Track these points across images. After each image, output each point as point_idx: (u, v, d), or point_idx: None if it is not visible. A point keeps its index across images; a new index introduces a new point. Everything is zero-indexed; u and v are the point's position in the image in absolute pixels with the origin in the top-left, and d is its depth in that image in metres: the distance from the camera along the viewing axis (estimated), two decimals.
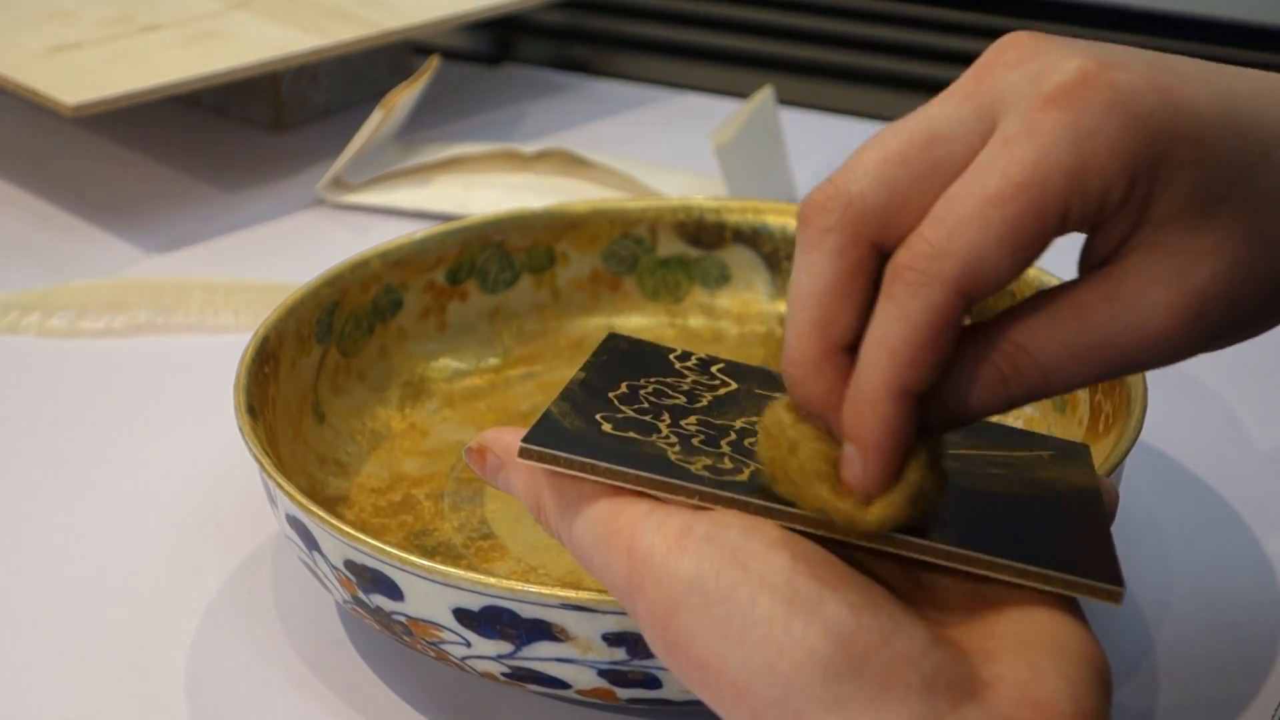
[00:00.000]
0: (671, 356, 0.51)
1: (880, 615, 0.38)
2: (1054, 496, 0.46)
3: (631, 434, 0.45)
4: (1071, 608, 0.41)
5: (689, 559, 0.40)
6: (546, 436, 0.43)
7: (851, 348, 0.42)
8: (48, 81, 0.83)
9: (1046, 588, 0.40)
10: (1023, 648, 0.39)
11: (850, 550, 0.41)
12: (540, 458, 0.43)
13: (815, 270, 0.41)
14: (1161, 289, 0.40)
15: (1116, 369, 0.41)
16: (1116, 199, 0.40)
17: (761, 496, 0.42)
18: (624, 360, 0.50)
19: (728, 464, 0.44)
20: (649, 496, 0.42)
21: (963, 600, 0.41)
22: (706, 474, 0.43)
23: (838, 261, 0.41)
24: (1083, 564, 0.41)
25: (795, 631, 0.38)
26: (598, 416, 0.45)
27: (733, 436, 0.46)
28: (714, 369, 0.51)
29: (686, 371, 0.51)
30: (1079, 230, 0.41)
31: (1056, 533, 0.43)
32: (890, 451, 0.41)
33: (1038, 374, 0.41)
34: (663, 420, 0.46)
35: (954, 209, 0.40)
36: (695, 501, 0.42)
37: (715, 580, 0.39)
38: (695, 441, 0.45)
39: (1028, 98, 0.40)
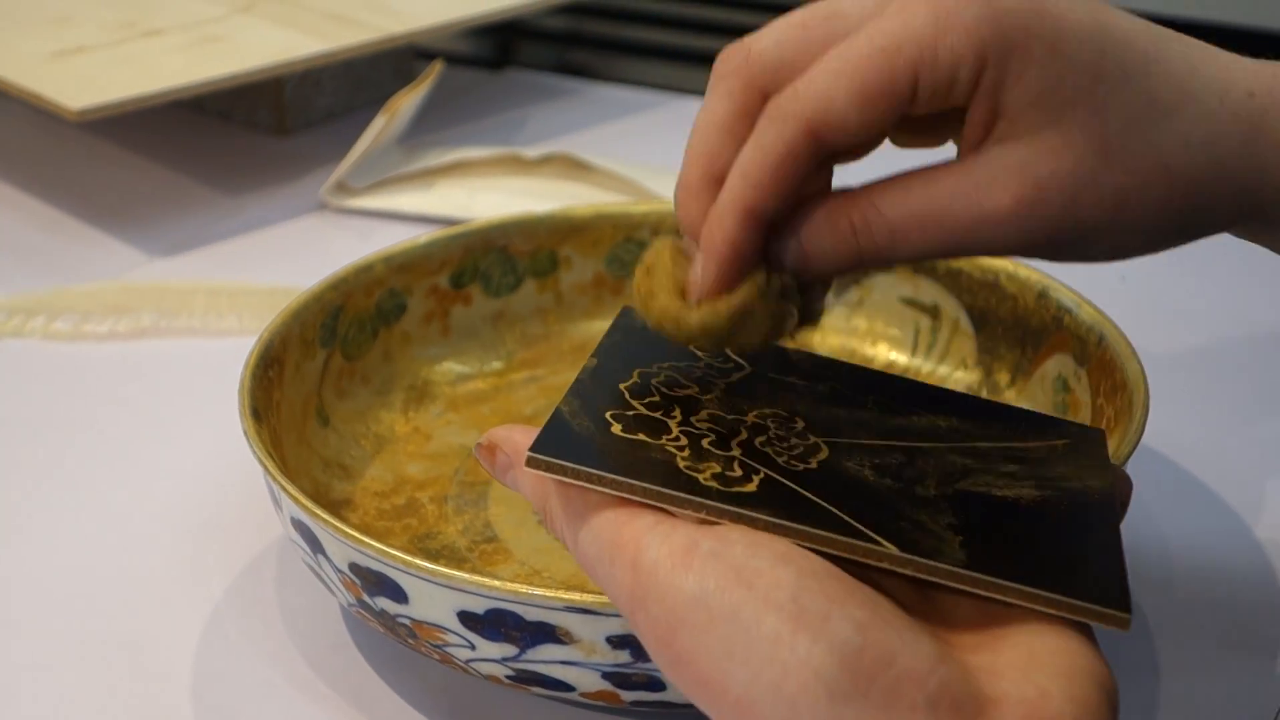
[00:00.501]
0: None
1: (886, 632, 0.38)
2: (1066, 502, 0.45)
3: (641, 436, 0.44)
4: (1080, 626, 0.41)
5: (693, 575, 0.40)
6: (554, 445, 0.43)
7: None
8: (52, 86, 0.84)
9: (1053, 611, 0.40)
10: (1030, 667, 0.39)
11: (858, 566, 0.41)
12: (548, 467, 0.43)
13: (710, 109, 0.48)
14: (1004, 173, 0.45)
15: (955, 241, 0.46)
16: (966, 76, 0.44)
17: (769, 508, 0.42)
18: (638, 340, 0.50)
19: (737, 471, 0.44)
20: (655, 508, 0.42)
21: (971, 616, 0.41)
22: (714, 484, 0.43)
23: (728, 103, 0.47)
24: (1090, 587, 0.41)
25: (800, 650, 0.38)
26: (607, 415, 0.45)
27: (743, 435, 0.46)
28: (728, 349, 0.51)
29: (700, 354, 0.50)
30: (933, 104, 0.45)
31: (1066, 549, 0.43)
32: (727, 260, 0.46)
33: (884, 231, 0.46)
34: (673, 417, 0.46)
35: (821, 64, 0.45)
36: (702, 515, 0.42)
37: (720, 598, 0.39)
38: (705, 443, 0.45)
39: None
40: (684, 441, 0.45)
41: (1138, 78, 0.45)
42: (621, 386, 0.47)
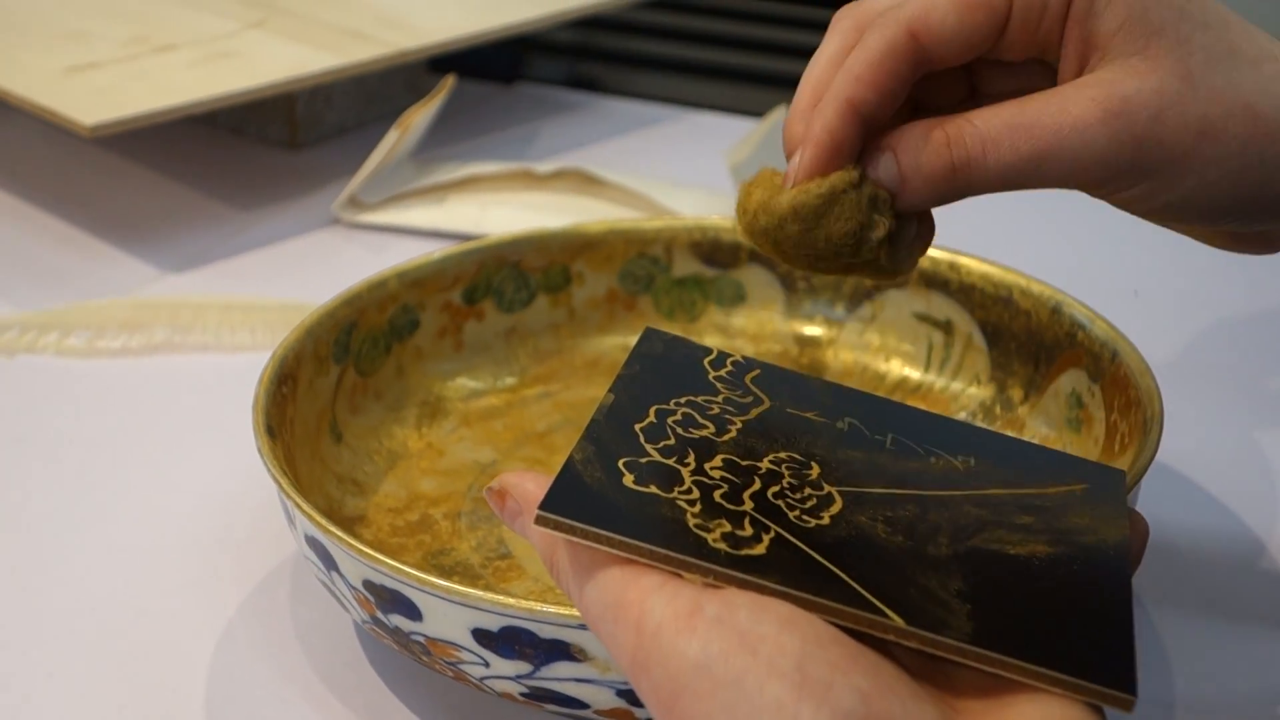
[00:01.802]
0: (706, 361, 0.51)
1: (890, 701, 0.38)
2: (1079, 561, 0.45)
3: (653, 488, 0.44)
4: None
5: (697, 640, 0.39)
6: (565, 501, 0.43)
7: None
8: (65, 102, 0.84)
9: (1056, 690, 0.40)
10: None
11: (864, 634, 0.41)
12: (557, 526, 0.42)
13: (824, 47, 0.50)
14: (1091, 88, 0.47)
15: (1043, 150, 0.47)
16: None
17: (777, 574, 0.42)
18: (657, 371, 0.50)
19: (747, 530, 0.43)
20: (662, 569, 0.42)
21: (977, 684, 0.41)
22: (723, 545, 0.42)
23: (840, 40, 0.50)
24: (1097, 665, 0.40)
25: (804, 719, 0.37)
26: (620, 464, 0.45)
27: (756, 485, 0.45)
28: (748, 378, 0.51)
29: (719, 385, 0.50)
30: (1027, 30, 0.48)
31: (1075, 621, 0.42)
32: (825, 147, 0.48)
33: (976, 140, 0.47)
34: (686, 464, 0.45)
35: None
36: (709, 580, 0.42)
37: (724, 664, 0.39)
38: (717, 495, 0.44)
39: None
40: (695, 495, 0.44)
41: (1219, 27, 0.48)
42: (637, 428, 0.47)
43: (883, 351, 0.70)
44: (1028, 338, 0.66)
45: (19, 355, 0.77)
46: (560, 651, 0.49)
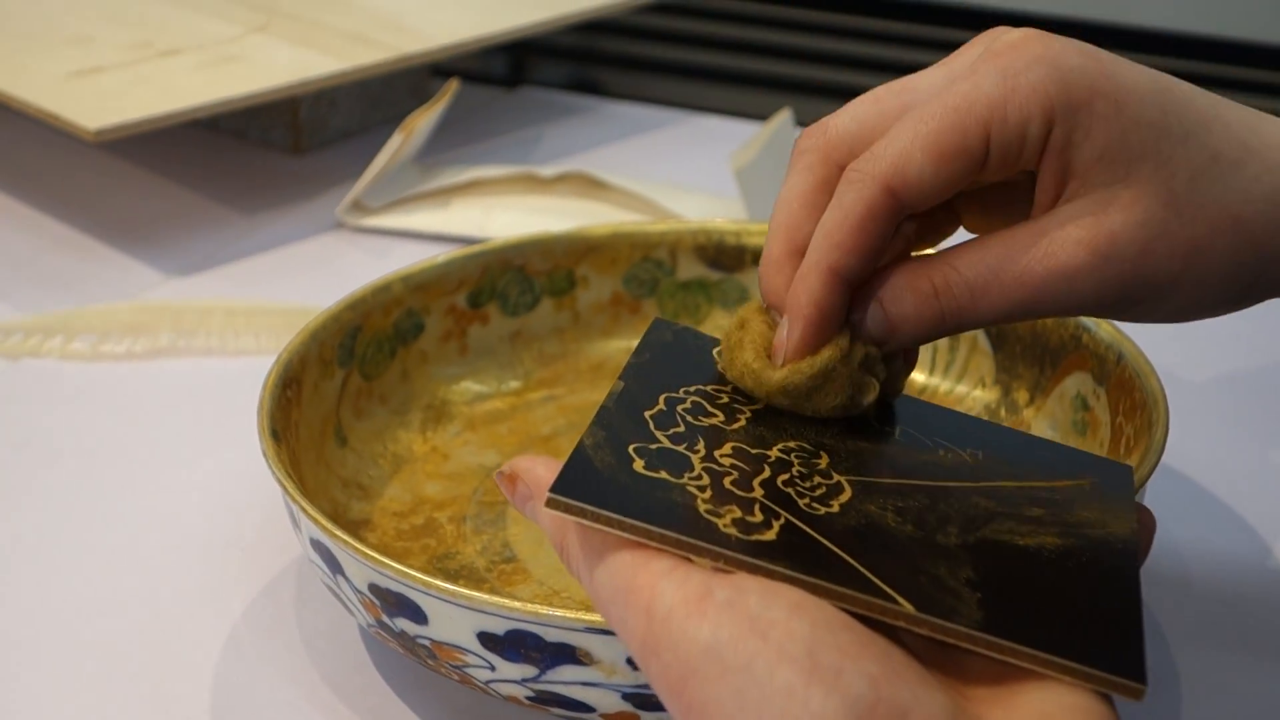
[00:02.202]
0: (715, 352, 0.51)
1: (900, 686, 0.38)
2: (1088, 553, 0.45)
3: (663, 474, 0.44)
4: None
5: (707, 624, 0.39)
6: (575, 484, 0.43)
7: None
8: (69, 106, 0.84)
9: (1066, 677, 0.40)
10: None
11: (874, 621, 0.41)
12: (567, 509, 0.42)
13: (791, 184, 0.49)
14: (1076, 227, 0.46)
15: (1032, 297, 0.47)
16: (1035, 134, 0.46)
17: (787, 559, 0.42)
18: (666, 359, 0.50)
19: (757, 515, 0.43)
20: (673, 553, 0.42)
21: (986, 671, 0.41)
22: (734, 531, 0.42)
23: (808, 177, 0.49)
24: (1106, 654, 0.41)
25: (814, 704, 0.38)
26: (630, 450, 0.45)
27: (766, 473, 0.46)
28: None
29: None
30: (1006, 165, 0.47)
31: (1084, 610, 0.43)
32: (812, 321, 0.47)
33: (964, 290, 0.47)
34: (696, 451, 0.46)
35: (896, 128, 0.47)
36: (719, 565, 0.42)
37: (733, 649, 0.39)
38: (727, 482, 0.44)
39: (979, 55, 0.48)
40: (706, 480, 0.44)
41: (1199, 134, 0.47)
42: (647, 415, 0.47)
43: None
44: (1033, 340, 0.65)
45: (23, 359, 0.77)
46: (566, 655, 0.49)
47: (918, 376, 0.68)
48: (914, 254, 0.50)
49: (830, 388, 0.48)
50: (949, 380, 0.68)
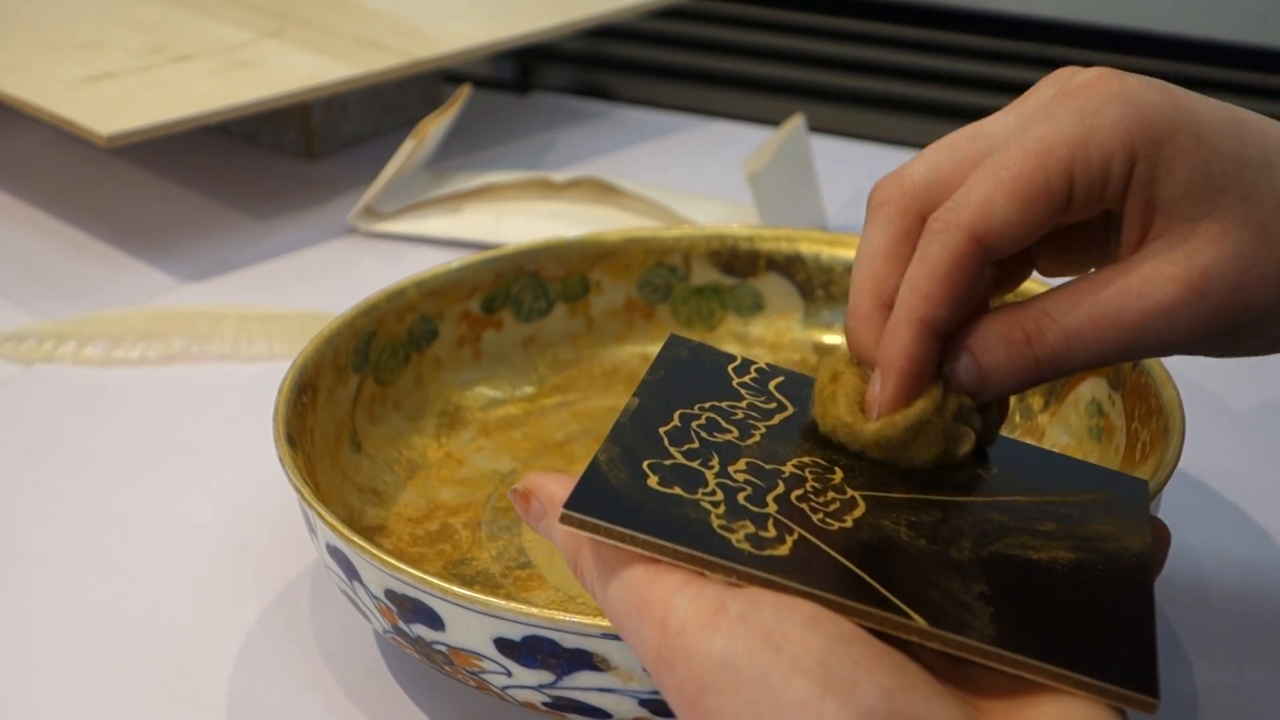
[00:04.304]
0: (731, 368, 0.51)
1: (913, 699, 0.38)
2: (1102, 567, 0.45)
3: (677, 490, 0.44)
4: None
5: (722, 637, 0.39)
6: (589, 500, 0.43)
7: None
8: (82, 111, 0.84)
9: (1078, 691, 0.40)
10: None
11: (887, 635, 0.41)
12: (582, 525, 0.43)
13: (871, 238, 0.49)
14: (1168, 265, 0.46)
15: (1129, 340, 0.46)
16: (1118, 171, 0.46)
17: (800, 574, 0.42)
18: (681, 376, 0.50)
19: (770, 531, 0.43)
20: (686, 568, 0.42)
21: (999, 685, 0.41)
22: (747, 546, 0.42)
23: (888, 229, 0.49)
24: (1119, 667, 0.41)
25: (828, 716, 0.38)
26: (645, 466, 0.45)
27: (780, 489, 0.46)
28: (773, 385, 0.51)
29: (744, 390, 0.50)
30: (1089, 205, 0.46)
31: (1097, 624, 0.43)
32: (905, 374, 0.47)
33: (1059, 336, 0.47)
34: (710, 467, 0.46)
35: (976, 175, 0.47)
36: (733, 579, 0.42)
37: (748, 661, 0.39)
38: (741, 498, 0.45)
39: (1052, 96, 0.48)
40: (719, 496, 0.44)
41: (1279, 163, 0.47)
42: (661, 431, 0.47)
43: None
44: None
45: (36, 365, 0.77)
46: (583, 661, 0.49)
47: None
48: (994, 303, 0.50)
49: (925, 440, 0.48)
50: None
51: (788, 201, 0.85)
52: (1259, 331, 0.47)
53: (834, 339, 0.71)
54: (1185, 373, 0.66)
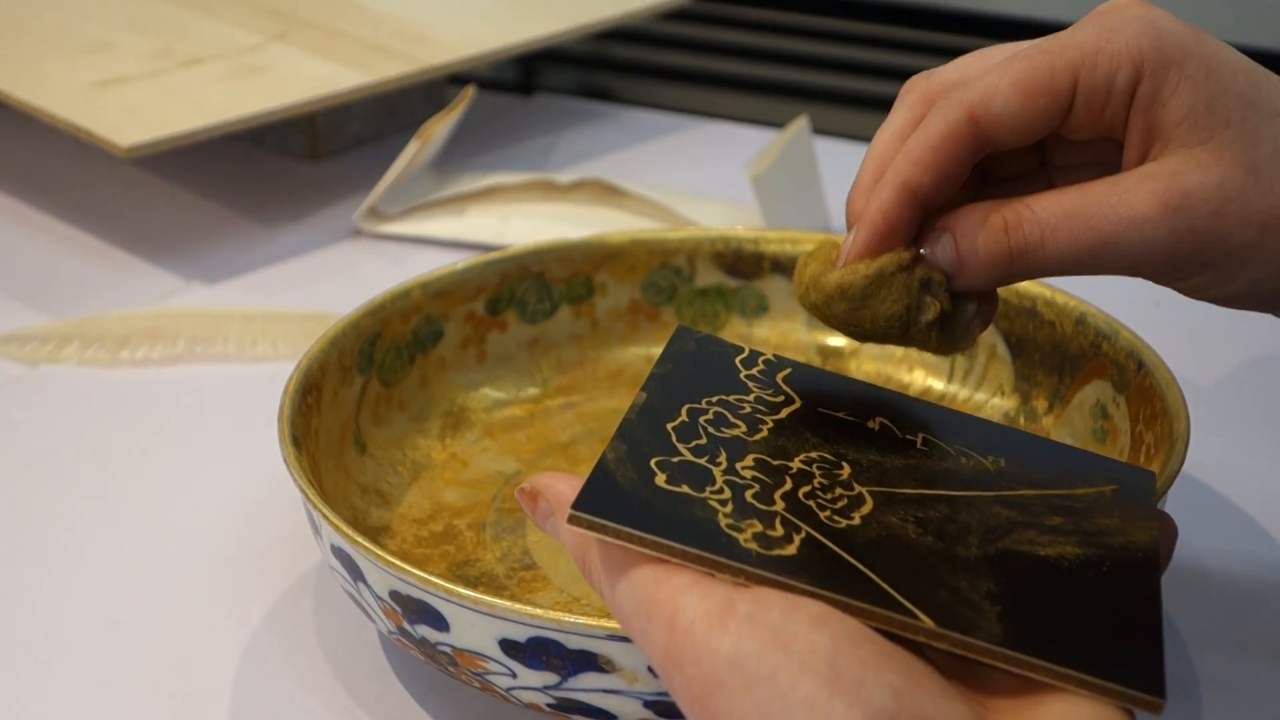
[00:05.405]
0: (738, 360, 0.51)
1: (921, 698, 0.38)
2: (1109, 562, 0.45)
3: (684, 488, 0.44)
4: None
5: (730, 638, 0.40)
6: (597, 500, 0.43)
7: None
8: (99, 120, 0.83)
9: (1085, 691, 0.40)
10: None
11: (895, 634, 0.41)
12: (589, 525, 0.43)
13: (890, 120, 0.51)
14: (1151, 180, 0.47)
15: (1101, 242, 0.47)
16: (1123, 84, 0.47)
17: (808, 574, 0.42)
18: (689, 369, 0.50)
19: (778, 530, 0.43)
20: (694, 568, 0.42)
21: (1007, 684, 0.41)
22: (755, 546, 0.42)
23: (907, 114, 0.51)
24: (1126, 667, 0.41)
25: (836, 715, 0.38)
26: (652, 463, 0.45)
27: (788, 485, 0.46)
28: (780, 377, 0.51)
29: (751, 383, 0.50)
30: (1091, 114, 0.48)
31: (1104, 622, 0.43)
32: (877, 227, 0.49)
33: (1034, 227, 0.48)
34: (718, 464, 0.46)
35: (993, 66, 0.49)
36: (740, 580, 0.42)
37: (756, 661, 0.39)
38: (748, 495, 0.45)
39: (1085, 16, 0.49)
40: (727, 494, 0.44)
41: None
42: (669, 427, 0.47)
43: (906, 362, 0.70)
44: (1052, 348, 0.65)
45: (41, 365, 0.78)
46: (588, 662, 0.49)
47: (936, 384, 0.69)
48: None
49: (886, 294, 0.49)
50: (968, 388, 0.68)
51: (791, 203, 0.85)
52: (1232, 272, 0.48)
53: (838, 342, 0.71)
54: (1189, 373, 0.66)
